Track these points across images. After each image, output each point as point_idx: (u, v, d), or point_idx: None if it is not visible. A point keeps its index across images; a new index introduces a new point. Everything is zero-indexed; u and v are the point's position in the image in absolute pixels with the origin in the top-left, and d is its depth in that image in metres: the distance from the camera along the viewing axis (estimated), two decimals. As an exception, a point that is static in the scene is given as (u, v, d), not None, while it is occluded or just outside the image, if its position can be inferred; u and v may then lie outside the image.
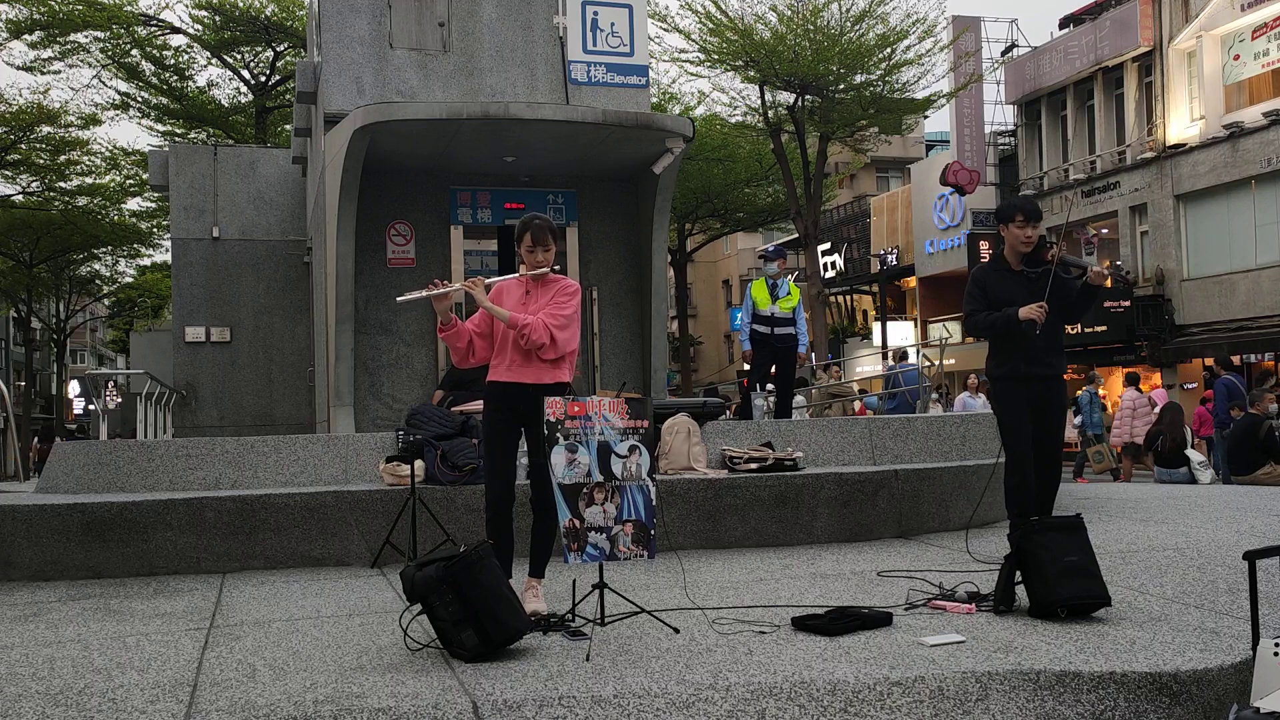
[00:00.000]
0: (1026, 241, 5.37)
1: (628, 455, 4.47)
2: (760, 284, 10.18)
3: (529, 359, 4.75)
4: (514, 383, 4.77)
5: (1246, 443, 11.12)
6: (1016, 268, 5.43)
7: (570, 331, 4.79)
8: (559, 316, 4.74)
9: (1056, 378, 5.42)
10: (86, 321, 53.23)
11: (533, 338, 4.67)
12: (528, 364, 4.76)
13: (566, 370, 4.84)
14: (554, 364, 4.77)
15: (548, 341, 4.69)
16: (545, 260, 4.84)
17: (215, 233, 15.58)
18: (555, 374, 4.79)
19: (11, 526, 6.12)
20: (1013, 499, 5.36)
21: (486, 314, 4.83)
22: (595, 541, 4.37)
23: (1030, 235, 5.38)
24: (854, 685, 3.57)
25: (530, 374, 4.76)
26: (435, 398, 9.34)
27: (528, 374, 4.76)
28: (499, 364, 4.83)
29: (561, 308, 4.77)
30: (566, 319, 4.76)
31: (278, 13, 24.72)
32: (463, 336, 4.84)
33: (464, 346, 4.86)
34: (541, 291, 4.86)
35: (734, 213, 32.10)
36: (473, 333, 4.86)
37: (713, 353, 52.68)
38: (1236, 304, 23.44)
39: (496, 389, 4.83)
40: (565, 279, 4.94)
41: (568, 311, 4.77)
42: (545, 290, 4.86)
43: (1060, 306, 5.36)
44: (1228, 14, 23.63)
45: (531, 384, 4.74)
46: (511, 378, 4.78)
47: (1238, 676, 3.74)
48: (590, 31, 10.91)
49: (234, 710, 3.37)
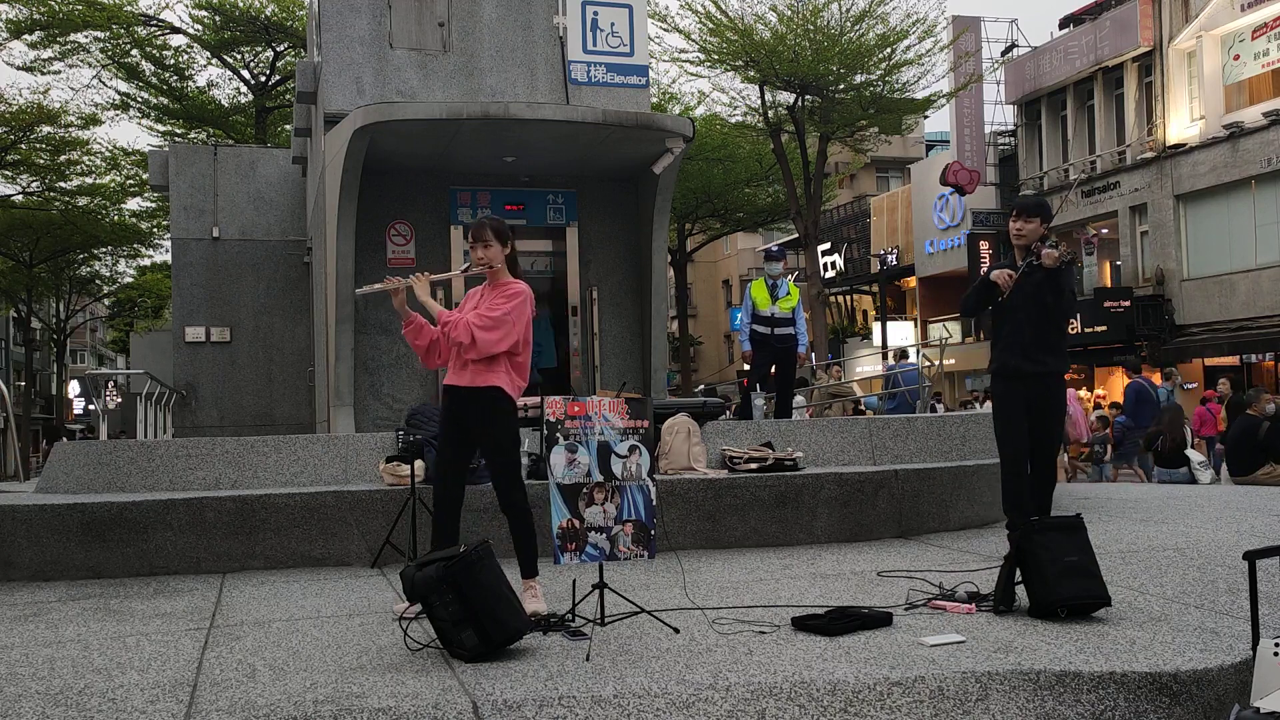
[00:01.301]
0: (1018, 235, 5.45)
1: (628, 455, 4.47)
2: (760, 284, 10.18)
3: (462, 361, 4.73)
4: (454, 386, 4.78)
5: (1246, 443, 11.11)
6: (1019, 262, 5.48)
7: (499, 334, 4.68)
8: (486, 317, 4.68)
9: (1053, 376, 5.42)
10: (86, 321, 53.23)
11: (452, 335, 4.65)
12: (461, 367, 4.75)
13: (503, 374, 4.75)
14: (486, 366, 4.70)
15: (467, 341, 4.63)
16: (486, 257, 4.81)
17: (215, 233, 15.58)
18: (487, 376, 4.71)
19: (11, 526, 6.12)
20: (1010, 498, 5.36)
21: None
22: (595, 541, 4.37)
23: (1020, 229, 5.44)
24: (854, 685, 3.57)
25: (464, 377, 4.74)
26: None
27: (461, 377, 4.75)
28: (450, 367, 4.83)
29: (493, 309, 4.71)
30: (494, 320, 4.68)
31: (278, 13, 24.71)
32: (424, 334, 4.81)
33: (425, 345, 4.83)
34: (490, 294, 4.84)
35: (734, 213, 32.10)
36: (436, 334, 4.82)
37: (713, 353, 52.68)
38: (1236, 304, 23.44)
39: (445, 391, 4.85)
40: (514, 282, 4.87)
41: (497, 313, 4.69)
42: (492, 293, 4.84)
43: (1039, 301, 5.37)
44: (1228, 14, 23.64)
45: (464, 387, 4.73)
46: (453, 381, 4.79)
47: (1238, 676, 3.74)
48: (590, 31, 10.91)
49: (234, 710, 3.37)
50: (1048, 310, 5.37)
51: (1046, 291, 5.34)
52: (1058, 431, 5.59)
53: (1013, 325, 5.36)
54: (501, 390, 4.74)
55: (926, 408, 12.93)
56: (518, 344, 4.79)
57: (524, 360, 4.87)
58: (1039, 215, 5.49)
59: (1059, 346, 5.50)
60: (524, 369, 4.87)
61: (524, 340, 4.83)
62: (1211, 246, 24.20)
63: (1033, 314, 5.34)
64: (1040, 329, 5.37)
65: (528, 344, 4.86)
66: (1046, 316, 5.38)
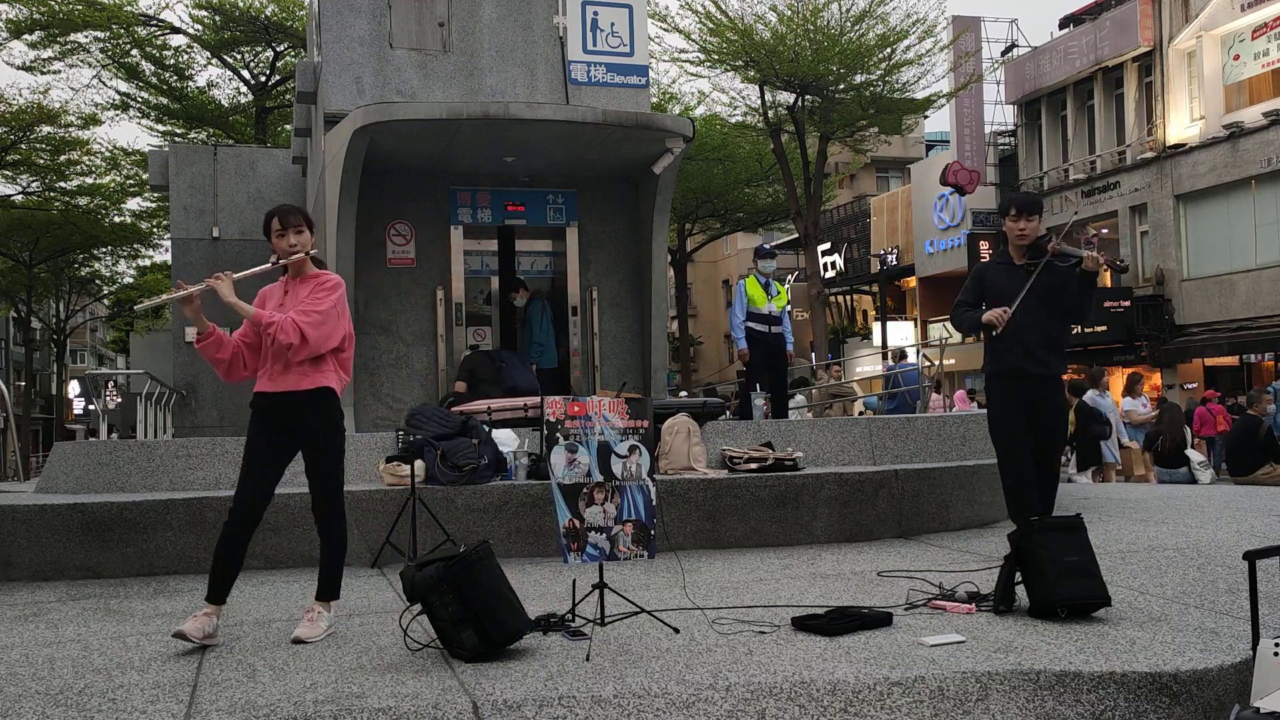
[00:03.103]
0: (1020, 235, 5.41)
1: (628, 455, 4.47)
2: (753, 282, 10.19)
3: (287, 364, 4.37)
4: (276, 392, 4.40)
5: (1246, 443, 11.12)
6: (1019, 262, 5.45)
7: (327, 329, 4.37)
8: (312, 313, 4.33)
9: (1053, 377, 5.42)
10: (86, 321, 53.23)
11: (280, 337, 4.26)
12: (286, 370, 4.38)
13: (331, 374, 4.45)
14: (313, 366, 4.38)
15: (297, 341, 4.27)
16: (299, 243, 4.45)
17: (215, 233, 15.57)
18: (315, 378, 4.39)
19: (11, 526, 6.12)
20: (1012, 498, 5.35)
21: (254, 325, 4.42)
22: (595, 541, 4.37)
23: (1024, 229, 5.41)
24: (854, 685, 3.57)
25: (289, 380, 4.38)
26: (459, 389, 9.44)
27: (286, 381, 4.38)
28: (262, 375, 4.44)
29: (317, 304, 4.37)
30: (322, 315, 4.34)
31: (278, 13, 24.72)
32: (225, 347, 4.40)
33: (227, 358, 4.42)
34: (300, 289, 4.48)
35: (734, 213, 32.10)
36: (240, 344, 4.44)
37: (713, 353, 52.68)
38: (1236, 304, 23.44)
39: (259, 401, 4.44)
40: (327, 273, 4.55)
41: (323, 307, 4.36)
42: (304, 287, 4.48)
43: (1059, 301, 5.33)
44: (1228, 14, 23.64)
45: (290, 391, 4.38)
46: (273, 387, 4.40)
47: (1238, 676, 3.74)
48: (590, 31, 10.91)
49: (234, 710, 3.37)
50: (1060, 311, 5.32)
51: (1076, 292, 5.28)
52: (1059, 431, 5.57)
53: (1019, 326, 5.29)
54: (334, 391, 4.47)
55: (929, 398, 12.94)
56: (344, 339, 4.49)
57: (349, 355, 4.56)
58: (1039, 213, 5.48)
59: (1063, 347, 5.48)
60: (349, 364, 4.57)
61: (349, 335, 4.53)
62: (1211, 246, 24.20)
63: (1041, 315, 5.29)
64: (1048, 330, 5.32)
65: (352, 338, 4.57)
66: (1055, 317, 5.34)
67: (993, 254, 5.94)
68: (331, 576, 4.50)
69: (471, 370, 9.77)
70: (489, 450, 6.72)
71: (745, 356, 10.19)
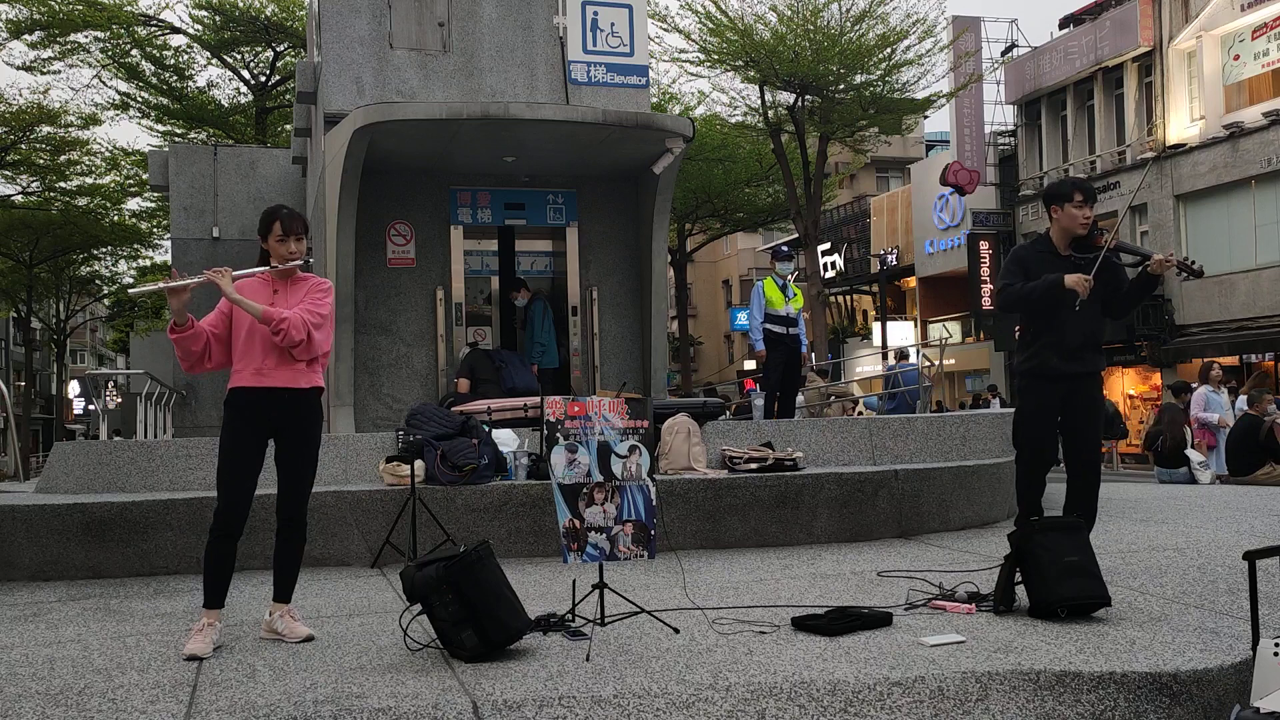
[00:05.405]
0: (1085, 222, 5.15)
1: (628, 455, 4.47)
2: (771, 283, 10.20)
3: (283, 361, 4.34)
4: (266, 388, 4.34)
5: (1246, 443, 11.12)
6: (1064, 252, 5.20)
7: (326, 331, 4.41)
8: (316, 314, 4.35)
9: (1092, 375, 5.23)
10: (86, 322, 53.24)
11: (293, 334, 4.25)
12: (281, 366, 4.35)
13: (319, 375, 4.49)
14: (308, 365, 4.39)
15: (304, 339, 4.28)
16: (298, 252, 4.44)
17: (215, 233, 15.58)
18: (312, 376, 4.43)
19: (11, 526, 6.12)
20: (1024, 498, 5.30)
21: (224, 316, 4.41)
22: (595, 541, 4.37)
23: (1089, 215, 5.17)
24: (854, 685, 3.57)
25: (284, 377, 4.35)
26: (463, 386, 9.44)
27: (281, 377, 4.35)
28: (244, 368, 4.37)
29: (319, 305, 4.39)
30: (324, 317, 4.38)
31: (278, 13, 24.73)
32: (199, 339, 4.35)
33: (199, 350, 4.36)
34: (291, 290, 4.46)
35: (734, 213, 32.12)
36: (210, 336, 4.40)
37: (713, 353, 52.70)
38: (1236, 304, 23.44)
39: (243, 397, 4.37)
40: (316, 277, 4.56)
41: (325, 310, 4.39)
42: (296, 289, 4.47)
43: (1107, 297, 5.15)
44: (1228, 14, 23.64)
45: (286, 388, 4.36)
46: (263, 382, 4.34)
47: (1238, 676, 3.74)
48: (590, 31, 10.91)
49: (234, 710, 3.37)
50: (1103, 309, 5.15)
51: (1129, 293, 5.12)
52: (1096, 432, 5.31)
53: (1063, 324, 5.06)
54: (323, 391, 4.53)
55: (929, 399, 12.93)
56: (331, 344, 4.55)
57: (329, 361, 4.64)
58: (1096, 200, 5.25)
59: (1101, 344, 5.29)
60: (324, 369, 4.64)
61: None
62: (1211, 246, 24.19)
63: (1085, 314, 5.06)
64: (1091, 329, 5.14)
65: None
66: (1099, 314, 5.15)
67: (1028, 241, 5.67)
68: (294, 577, 4.55)
69: (471, 367, 9.78)
70: (489, 450, 6.72)
71: (763, 358, 10.18)
